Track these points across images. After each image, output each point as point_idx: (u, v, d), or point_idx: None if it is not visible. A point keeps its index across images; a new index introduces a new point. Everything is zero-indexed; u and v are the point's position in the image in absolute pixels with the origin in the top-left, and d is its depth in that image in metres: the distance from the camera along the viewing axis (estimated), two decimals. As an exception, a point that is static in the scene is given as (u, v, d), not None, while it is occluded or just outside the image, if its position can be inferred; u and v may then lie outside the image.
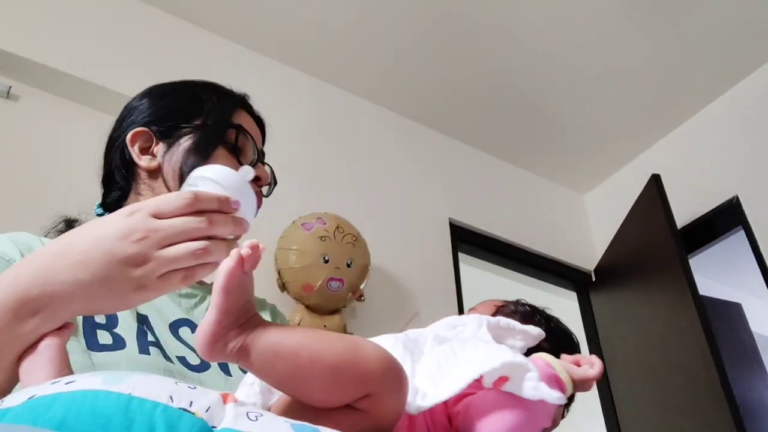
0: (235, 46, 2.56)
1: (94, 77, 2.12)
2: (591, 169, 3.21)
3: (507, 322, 0.76)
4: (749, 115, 2.70)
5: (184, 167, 0.82)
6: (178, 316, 0.82)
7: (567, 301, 3.03)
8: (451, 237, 2.72)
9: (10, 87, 2.02)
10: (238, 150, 0.87)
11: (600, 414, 2.72)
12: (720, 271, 3.35)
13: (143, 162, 0.86)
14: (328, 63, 2.68)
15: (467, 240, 2.80)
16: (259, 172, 0.89)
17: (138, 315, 0.78)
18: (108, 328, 0.74)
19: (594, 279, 3.04)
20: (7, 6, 2.09)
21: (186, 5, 2.43)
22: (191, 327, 0.82)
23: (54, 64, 2.07)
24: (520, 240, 2.93)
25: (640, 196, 2.60)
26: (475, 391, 0.63)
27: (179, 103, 0.90)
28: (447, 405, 0.63)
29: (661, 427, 2.36)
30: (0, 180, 1.84)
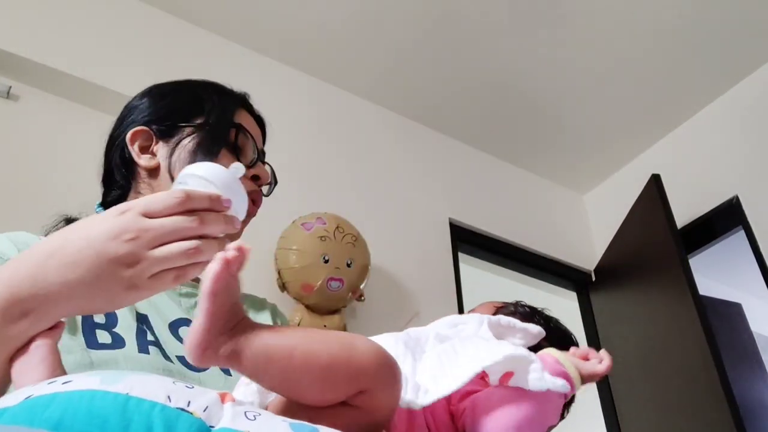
0: (235, 46, 2.56)
1: (94, 77, 2.12)
2: (591, 169, 3.21)
3: (507, 320, 0.76)
4: (749, 115, 2.69)
5: None
6: (177, 315, 0.82)
7: (567, 301, 3.02)
8: (451, 237, 2.71)
9: (10, 87, 2.02)
10: (237, 149, 0.87)
11: (600, 414, 2.72)
12: (720, 271, 3.35)
13: (143, 161, 0.86)
14: (327, 63, 2.68)
15: (467, 240, 2.80)
16: (260, 171, 0.89)
17: (138, 314, 0.78)
18: (107, 327, 0.73)
19: (594, 279, 3.04)
20: (7, 6, 2.09)
21: (186, 5, 2.43)
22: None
23: (54, 64, 2.07)
24: (520, 240, 2.93)
25: (640, 196, 2.59)
26: (481, 389, 0.63)
27: (179, 103, 0.90)
28: (449, 402, 0.63)
29: (661, 427, 2.36)
30: (0, 180, 1.84)
